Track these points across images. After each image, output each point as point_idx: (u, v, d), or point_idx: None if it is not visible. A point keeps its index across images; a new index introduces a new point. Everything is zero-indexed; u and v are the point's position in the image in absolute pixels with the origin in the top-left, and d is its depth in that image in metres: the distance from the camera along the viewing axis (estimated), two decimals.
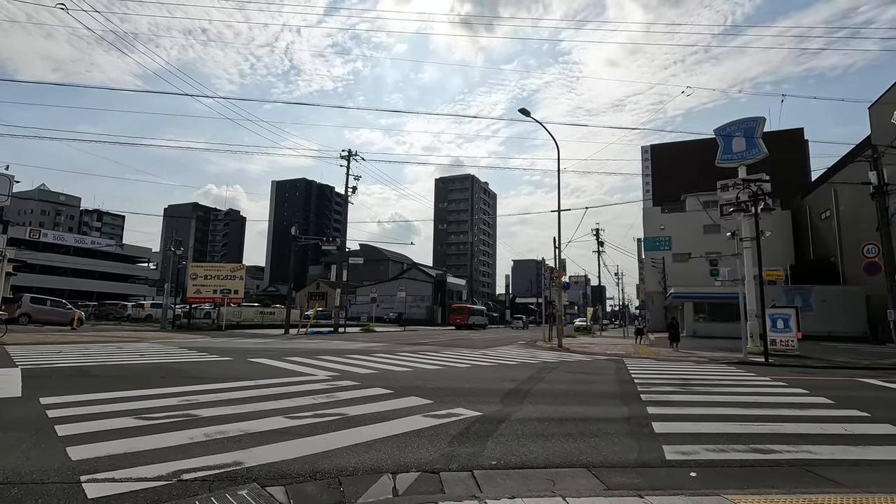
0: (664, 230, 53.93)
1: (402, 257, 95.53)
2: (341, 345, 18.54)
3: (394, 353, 14.64)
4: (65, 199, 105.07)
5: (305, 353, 14.01)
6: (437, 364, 11.75)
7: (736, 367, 13.83)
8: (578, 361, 14.08)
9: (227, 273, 31.52)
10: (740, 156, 20.16)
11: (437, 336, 29.22)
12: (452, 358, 13.71)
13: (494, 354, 15.81)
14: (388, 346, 18.04)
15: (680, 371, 11.87)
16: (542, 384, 8.68)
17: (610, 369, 11.77)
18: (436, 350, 16.85)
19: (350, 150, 34.43)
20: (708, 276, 45.75)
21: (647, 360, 15.60)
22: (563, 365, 12.59)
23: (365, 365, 10.99)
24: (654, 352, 18.95)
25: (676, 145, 66.54)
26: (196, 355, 12.56)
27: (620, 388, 8.52)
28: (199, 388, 7.18)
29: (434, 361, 12.41)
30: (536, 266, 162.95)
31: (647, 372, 11.34)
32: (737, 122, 20.52)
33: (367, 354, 13.93)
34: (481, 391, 7.68)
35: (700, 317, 36.76)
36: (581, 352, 18.50)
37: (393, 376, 9.20)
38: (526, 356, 15.49)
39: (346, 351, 15.17)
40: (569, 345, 21.81)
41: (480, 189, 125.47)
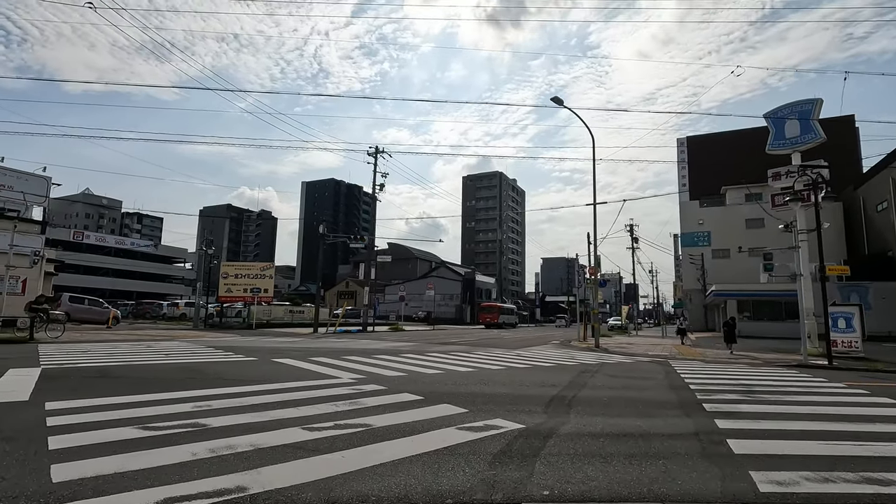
0: (702, 225, 51.67)
1: (430, 256, 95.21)
2: (369, 344, 18.05)
3: (423, 354, 14.01)
4: (107, 203, 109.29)
5: (332, 352, 13.53)
6: (469, 366, 11.04)
7: (798, 370, 12.59)
8: (620, 364, 13.11)
9: (257, 272, 31.64)
10: (794, 141, 18.66)
11: (466, 335, 28.52)
12: (485, 359, 12.98)
13: (529, 355, 14.98)
14: (417, 346, 17.45)
15: (737, 375, 10.79)
16: (586, 390, 7.85)
17: (657, 373, 10.80)
18: (467, 350, 16.14)
19: (377, 147, 34.08)
20: (752, 273, 43.43)
21: (695, 362, 14.48)
22: (605, 368, 11.67)
23: (393, 366, 10.38)
24: (700, 353, 17.72)
25: (714, 136, 63.76)
26: (221, 355, 12.23)
27: (676, 395, 7.61)
28: (215, 392, 6.69)
29: (466, 363, 11.70)
30: (566, 264, 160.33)
31: (701, 376, 10.32)
32: (790, 104, 19.01)
33: (395, 355, 13.34)
34: (521, 398, 6.93)
35: (744, 316, 34.78)
36: (620, 352, 17.45)
37: (423, 379, 8.54)
38: (562, 357, 14.60)
39: (373, 351, 14.64)
40: (606, 345, 20.73)
41: (509, 186, 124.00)
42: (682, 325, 23.55)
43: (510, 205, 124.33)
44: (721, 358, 15.73)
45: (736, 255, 49.76)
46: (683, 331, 23.15)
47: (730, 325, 17.61)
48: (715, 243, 50.79)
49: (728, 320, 17.64)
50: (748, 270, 45.48)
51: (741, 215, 50.52)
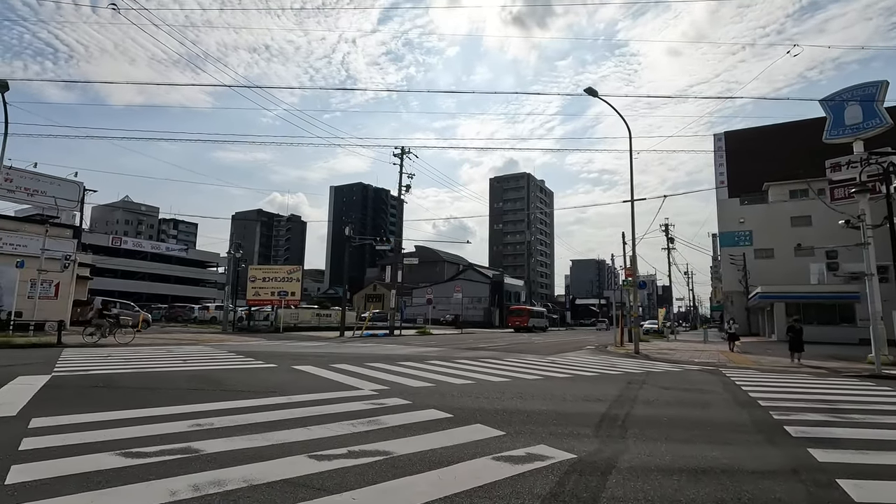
0: (743, 224, 49.12)
1: (457, 258, 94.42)
2: (394, 349, 17.33)
3: (451, 360, 13.16)
4: (146, 209, 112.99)
5: (355, 358, 12.84)
6: (501, 375, 10.13)
7: (873, 382, 11.17)
8: (667, 373, 11.94)
9: (284, 275, 31.50)
10: (855, 128, 17.01)
11: (496, 339, 27.53)
12: (518, 367, 12.03)
13: (565, 363, 13.94)
14: (444, 352, 16.62)
15: (806, 388, 9.53)
16: (639, 406, 6.84)
17: (714, 384, 9.64)
18: (497, 357, 15.21)
19: (403, 148, 33.53)
20: (799, 274, 40.93)
21: (750, 370, 13.14)
22: (652, 378, 10.56)
23: (418, 375, 9.57)
24: (753, 360, 16.27)
25: (755, 130, 60.81)
26: (240, 361, 11.69)
27: (748, 414, 6.52)
28: (220, 407, 6.02)
29: (498, 371, 10.79)
30: (596, 266, 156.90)
31: (765, 389, 9.13)
32: (850, 88, 17.37)
33: (420, 361, 12.54)
34: (565, 416, 6.00)
35: (794, 319, 32.45)
36: (663, 360, 16.17)
37: (451, 392, 7.70)
38: (602, 365, 13.50)
39: (398, 357, 13.88)
40: (646, 351, 19.41)
41: (536, 188, 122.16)
42: (732, 330, 21.44)
43: (538, 206, 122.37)
44: (778, 366, 14.31)
45: (781, 255, 47.08)
46: (734, 335, 21.19)
47: (796, 331, 15.68)
48: (757, 243, 48.15)
49: (793, 324, 16.03)
50: (795, 271, 42.90)
51: (786, 213, 47.76)
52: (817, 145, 52.84)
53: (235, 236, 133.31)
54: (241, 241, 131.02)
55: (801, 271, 41.95)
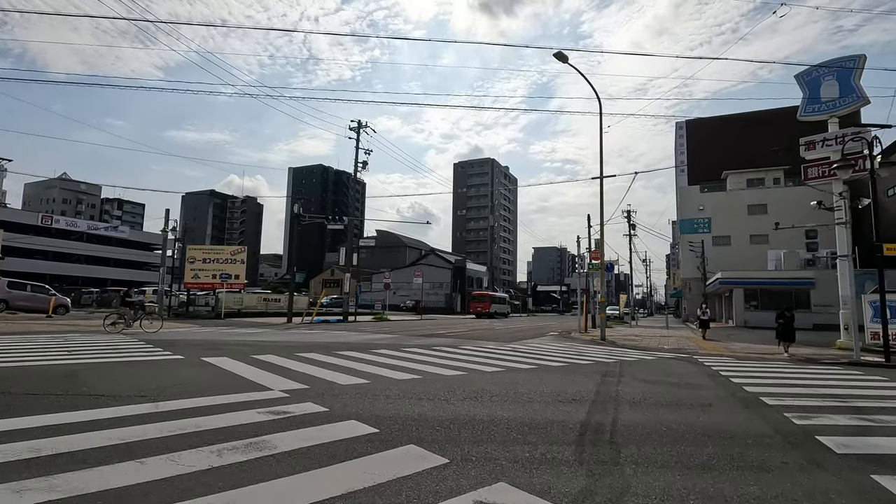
0: (703, 211, 49.61)
1: (420, 244, 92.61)
2: (341, 336, 15.52)
3: (400, 349, 11.50)
4: (85, 188, 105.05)
5: (286, 348, 10.98)
6: (455, 366, 8.56)
7: (859, 370, 10.32)
8: (641, 361, 10.72)
9: (227, 256, 28.88)
10: (831, 105, 16.26)
11: (455, 326, 26.09)
12: (476, 356, 10.51)
13: (528, 350, 12.55)
14: (396, 339, 14.96)
15: (797, 377, 8.46)
16: (626, 409, 5.38)
17: (699, 376, 8.41)
18: (454, 344, 13.67)
19: (360, 122, 31.32)
20: (754, 261, 41.50)
21: (727, 358, 12.16)
22: (628, 368, 9.26)
23: (354, 369, 7.86)
24: (723, 347, 15.43)
25: (715, 120, 61.57)
26: (145, 353, 9.62)
27: (761, 417, 5.17)
28: (54, 422, 4.12)
29: (451, 362, 9.22)
30: (558, 253, 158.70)
31: (755, 379, 7.97)
32: (827, 63, 16.58)
33: (364, 351, 10.82)
34: (533, 428, 4.44)
35: (751, 305, 32.75)
36: (632, 346, 15.10)
37: (388, 391, 6.04)
38: (569, 353, 12.18)
39: (340, 346, 12.10)
40: (611, 337, 18.40)
41: (501, 174, 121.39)
42: (705, 316, 20.15)
43: (502, 192, 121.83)
44: (752, 353, 13.44)
45: (738, 242, 47.87)
46: (706, 322, 19.97)
47: (787, 318, 13.36)
48: (715, 230, 48.62)
49: (784, 311, 13.58)
50: (750, 259, 43.61)
51: (743, 201, 48.53)
52: (775, 136, 53.70)
53: (185, 218, 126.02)
54: (192, 223, 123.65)
55: (756, 259, 42.64)
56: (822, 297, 31.05)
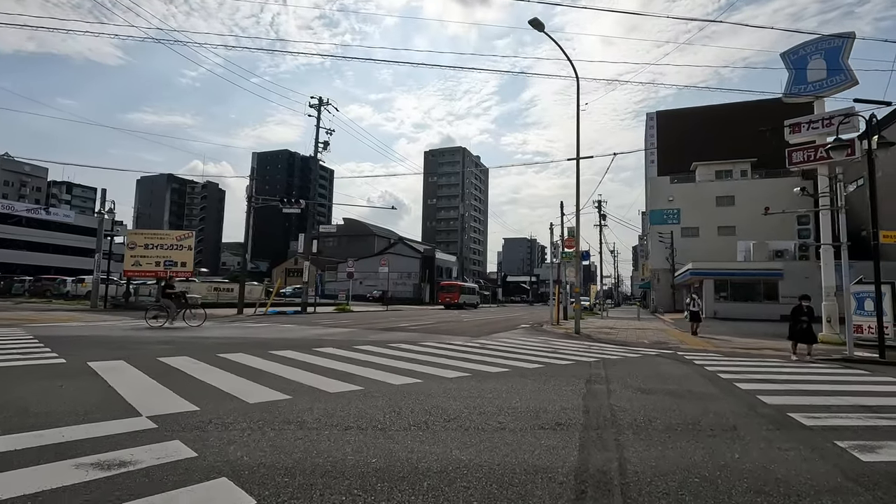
0: (672, 202, 49.40)
1: (389, 233, 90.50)
2: (289, 331, 13.74)
3: (351, 347, 9.88)
4: (30, 170, 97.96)
5: (214, 347, 9.19)
6: (409, 371, 7.03)
7: (856, 367, 9.38)
8: (626, 360, 9.45)
9: (172, 242, 26.38)
10: (818, 86, 15.38)
11: (422, 317, 24.58)
12: (437, 355, 9.01)
13: (498, 347, 11.13)
14: (350, 334, 13.31)
15: (807, 379, 7.32)
16: (631, 441, 3.94)
17: (697, 379, 7.14)
18: (416, 340, 12.14)
19: (321, 98, 29.17)
20: (722, 252, 41.46)
21: (711, 353, 11.09)
22: (613, 370, 7.94)
23: (280, 377, 6.22)
24: (704, 341, 14.46)
25: (685, 112, 61.72)
26: (21, 355, 7.68)
27: (809, 448, 3.83)
28: None
29: (406, 365, 7.68)
30: (528, 244, 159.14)
31: (767, 385, 6.75)
32: (814, 41, 15.67)
33: (307, 350, 9.16)
34: (503, 483, 2.93)
35: (721, 296, 32.49)
36: (610, 341, 13.93)
37: (304, 417, 4.42)
38: (544, 350, 10.83)
39: (281, 343, 10.38)
40: (586, 330, 17.27)
41: (472, 163, 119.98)
42: (696, 307, 17.23)
43: (473, 182, 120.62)
44: (739, 348, 12.44)
45: (706, 233, 48.02)
46: (697, 315, 16.99)
47: (805, 312, 10.85)
48: (684, 221, 48.62)
49: (802, 304, 10.90)
50: (718, 250, 43.68)
51: (712, 193, 48.67)
52: (743, 129, 53.90)
53: (141, 203, 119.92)
54: (148, 208, 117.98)
55: (723, 250, 42.73)
56: (789, 288, 31.03)
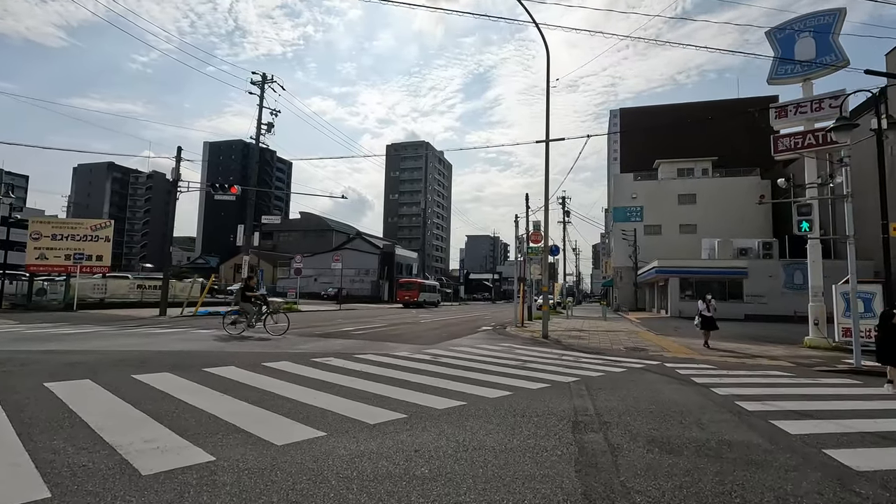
0: (636, 199, 49.02)
1: (348, 227, 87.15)
2: (197, 340, 11.16)
3: (259, 367, 7.52)
4: None
5: (73, 367, 6.64)
6: (314, 415, 4.79)
7: (871, 381, 7.80)
8: (611, 378, 7.53)
9: (86, 232, 22.90)
10: (807, 67, 14.07)
11: (375, 318, 22.24)
12: (369, 378, 6.81)
13: (452, 360, 9.03)
14: (273, 345, 10.89)
15: (847, 406, 5.56)
16: None
17: (719, 416, 5.25)
18: (353, 351, 9.87)
19: (264, 75, 26.24)
20: (683, 250, 40.94)
21: (703, 364, 9.38)
22: (603, 398, 5.99)
23: (110, 431, 3.85)
24: (685, 347, 12.86)
25: (648, 109, 61.69)
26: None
27: None
28: None
29: (317, 400, 5.44)
30: (492, 241, 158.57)
31: (814, 422, 4.93)
32: (802, 17, 14.37)
33: (193, 372, 6.74)
34: None
35: (686, 295, 31.70)
36: (582, 348, 12.09)
37: None
38: (509, 364, 8.80)
39: (162, 360, 7.88)
40: (555, 334, 15.46)
41: (435, 158, 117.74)
42: (710, 312, 12.77)
43: (436, 177, 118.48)
44: (726, 355, 10.83)
45: (668, 231, 47.72)
46: (711, 321, 12.73)
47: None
48: (647, 219, 48.37)
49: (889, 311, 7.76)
50: (679, 248, 43.32)
51: (674, 191, 48.42)
52: (703, 127, 54.06)
53: (79, 194, 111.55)
54: (86, 199, 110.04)
55: (685, 248, 42.40)
56: (753, 287, 30.63)
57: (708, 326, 12.71)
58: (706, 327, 12.72)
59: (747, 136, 57.91)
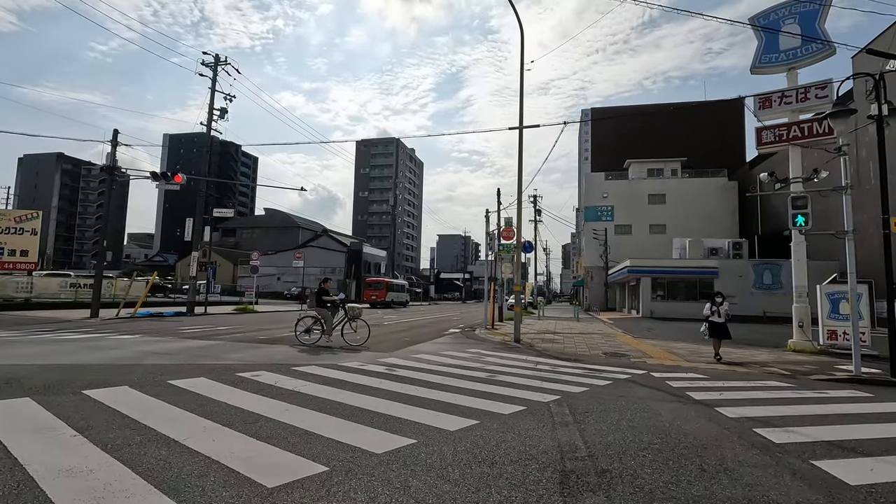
0: (606, 198, 48.65)
1: (315, 224, 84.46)
2: (111, 347, 9.42)
3: (161, 386, 5.99)
4: None
5: None
6: (173, 484, 3.36)
7: (871, 390, 6.91)
8: (596, 396, 6.34)
9: (8, 224, 20.46)
10: (791, 55, 13.36)
11: None
12: (302, 402, 5.42)
13: (411, 374, 7.69)
14: (204, 352, 9.29)
15: (870, 427, 4.50)
16: None
17: (741, 452, 4.08)
18: (293, 361, 8.40)
19: (217, 56, 24.26)
20: (653, 250, 40.75)
21: (690, 372, 8.35)
22: (589, 424, 4.78)
23: None
24: (665, 351, 11.90)
25: (619, 109, 61.84)
26: None
27: None
28: None
29: (217, 442, 3.99)
30: (463, 241, 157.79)
31: (857, 458, 3.81)
32: (787, 3, 13.63)
33: (70, 392, 5.17)
34: None
35: (658, 295, 31.28)
36: (559, 355, 10.94)
37: None
38: (476, 376, 7.52)
39: (48, 375, 6.24)
40: (527, 337, 14.31)
41: (406, 155, 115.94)
42: (723, 319, 10.49)
43: (407, 175, 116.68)
44: (712, 361, 9.86)
45: (638, 231, 47.68)
46: (724, 329, 10.46)
47: None
48: (618, 218, 47.95)
49: None
50: (649, 247, 43.23)
51: (644, 190, 48.41)
52: (673, 127, 54.39)
53: (24, 186, 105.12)
54: (32, 192, 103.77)
55: (655, 247, 42.32)
56: (723, 286, 30.32)
57: (719, 335, 10.39)
58: (716, 336, 10.41)
59: (715, 138, 58.90)
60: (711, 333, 10.59)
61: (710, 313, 10.65)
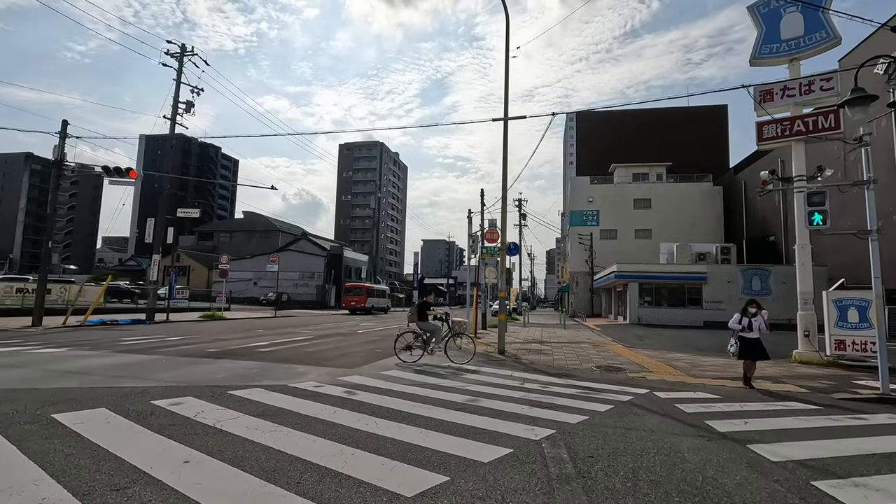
0: (592, 203, 47.97)
1: (295, 228, 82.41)
2: (27, 363, 7.95)
3: (26, 431, 4.60)
4: None
5: None
6: None
7: None
8: (597, 430, 5.15)
9: None
10: (794, 44, 12.49)
11: (306, 328, 19.21)
12: (225, 443, 4.09)
13: (377, 391, 6.42)
14: (141, 368, 7.87)
15: None
16: None
17: None
18: (236, 381, 7.05)
19: (183, 45, 22.76)
20: (639, 256, 40.00)
21: (696, 390, 7.23)
22: (596, 478, 3.60)
23: None
24: (665, 365, 10.80)
25: (604, 113, 61.44)
26: None
27: None
28: None
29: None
30: (447, 246, 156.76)
31: None
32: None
33: None
34: None
35: (645, 301, 30.42)
36: (547, 368, 9.75)
37: None
38: (450, 404, 6.27)
39: None
40: (513, 348, 13.10)
41: (390, 159, 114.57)
42: (756, 334, 8.13)
43: (391, 179, 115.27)
44: (716, 374, 8.76)
45: (623, 236, 47.06)
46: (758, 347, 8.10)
47: None
48: (603, 223, 47.39)
49: None
50: (634, 252, 42.56)
51: (629, 195, 47.86)
52: (659, 134, 54.12)
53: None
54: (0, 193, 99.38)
55: (640, 253, 41.67)
56: (712, 292, 29.73)
57: (753, 354, 8.11)
58: (749, 356, 8.14)
59: (700, 143, 58.98)
60: (742, 353, 8.19)
61: (741, 327, 8.21)
